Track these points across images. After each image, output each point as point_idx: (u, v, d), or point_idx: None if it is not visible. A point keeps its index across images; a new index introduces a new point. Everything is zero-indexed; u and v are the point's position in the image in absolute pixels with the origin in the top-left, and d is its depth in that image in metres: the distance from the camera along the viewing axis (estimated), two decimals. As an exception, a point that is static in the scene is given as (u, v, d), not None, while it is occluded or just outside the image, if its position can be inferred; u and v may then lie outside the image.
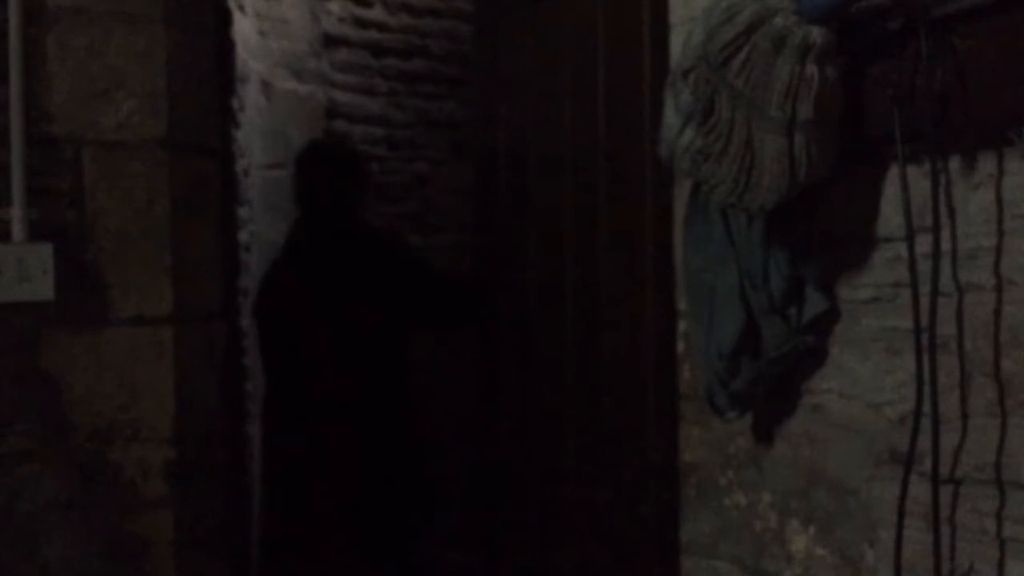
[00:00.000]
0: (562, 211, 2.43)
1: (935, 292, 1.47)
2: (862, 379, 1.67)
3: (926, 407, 1.49)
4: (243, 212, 3.41)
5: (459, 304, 3.31)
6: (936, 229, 1.47)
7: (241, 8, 3.45)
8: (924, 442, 1.50)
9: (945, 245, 1.49)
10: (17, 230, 2.12)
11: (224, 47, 2.82)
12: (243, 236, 3.40)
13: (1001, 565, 1.45)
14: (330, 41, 4.07)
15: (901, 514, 1.53)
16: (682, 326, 2.05)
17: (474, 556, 2.87)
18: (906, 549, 1.53)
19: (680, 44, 1.78)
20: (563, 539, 2.46)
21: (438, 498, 3.60)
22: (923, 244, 1.50)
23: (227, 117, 2.93)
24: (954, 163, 1.50)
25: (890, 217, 1.60)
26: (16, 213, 2.12)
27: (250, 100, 3.51)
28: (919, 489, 1.52)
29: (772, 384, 1.79)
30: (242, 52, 3.36)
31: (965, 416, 1.49)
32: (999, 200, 1.44)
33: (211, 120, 2.45)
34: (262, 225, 3.64)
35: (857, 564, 1.68)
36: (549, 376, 2.49)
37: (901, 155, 1.50)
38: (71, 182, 2.18)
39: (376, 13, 4.25)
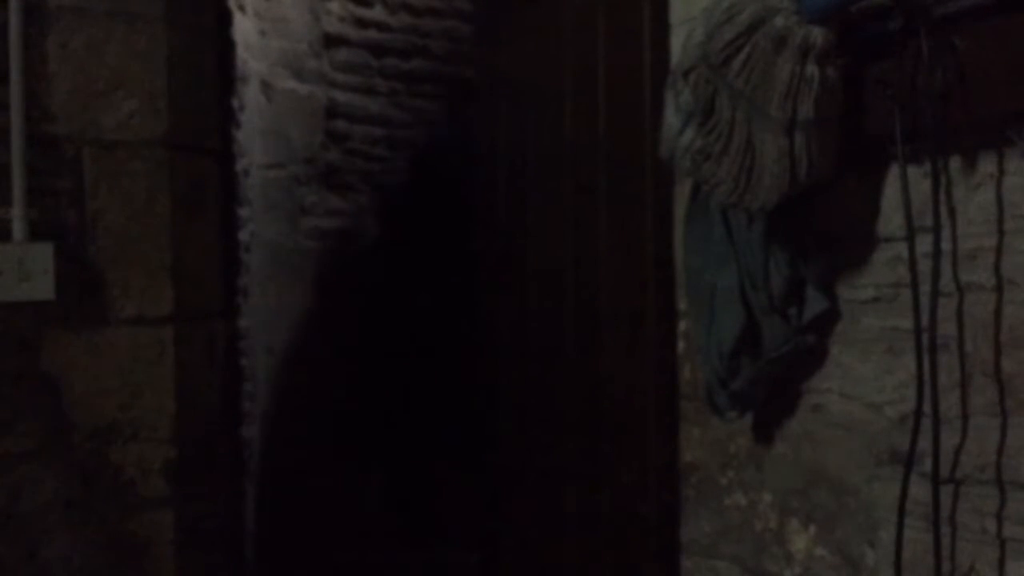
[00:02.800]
0: (562, 211, 2.43)
1: (935, 292, 1.46)
2: (862, 379, 1.66)
3: (926, 407, 1.49)
4: (243, 212, 3.41)
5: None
6: (936, 229, 1.47)
7: (241, 8, 3.45)
8: (924, 442, 1.50)
9: (945, 245, 1.49)
10: (17, 230, 2.12)
11: (224, 47, 2.82)
12: (243, 236, 3.40)
13: (1001, 565, 1.45)
14: (330, 41, 4.06)
15: (901, 514, 1.53)
16: (682, 326, 2.05)
17: (474, 556, 2.87)
18: (906, 549, 1.53)
19: (680, 44, 1.78)
20: (563, 539, 2.46)
21: (439, 498, 3.60)
22: (923, 244, 1.50)
23: (227, 117, 2.92)
24: (954, 163, 1.50)
25: (890, 217, 1.60)
26: (16, 213, 2.12)
27: (250, 100, 3.51)
28: (919, 489, 1.52)
29: (772, 384, 1.79)
30: (242, 52, 3.36)
31: (965, 416, 1.49)
32: (999, 200, 1.44)
33: (211, 120, 2.46)
34: (262, 225, 3.63)
35: (857, 564, 1.68)
36: (549, 376, 2.49)
37: (901, 155, 1.50)
38: (71, 182, 2.18)
39: (376, 13, 4.25)
